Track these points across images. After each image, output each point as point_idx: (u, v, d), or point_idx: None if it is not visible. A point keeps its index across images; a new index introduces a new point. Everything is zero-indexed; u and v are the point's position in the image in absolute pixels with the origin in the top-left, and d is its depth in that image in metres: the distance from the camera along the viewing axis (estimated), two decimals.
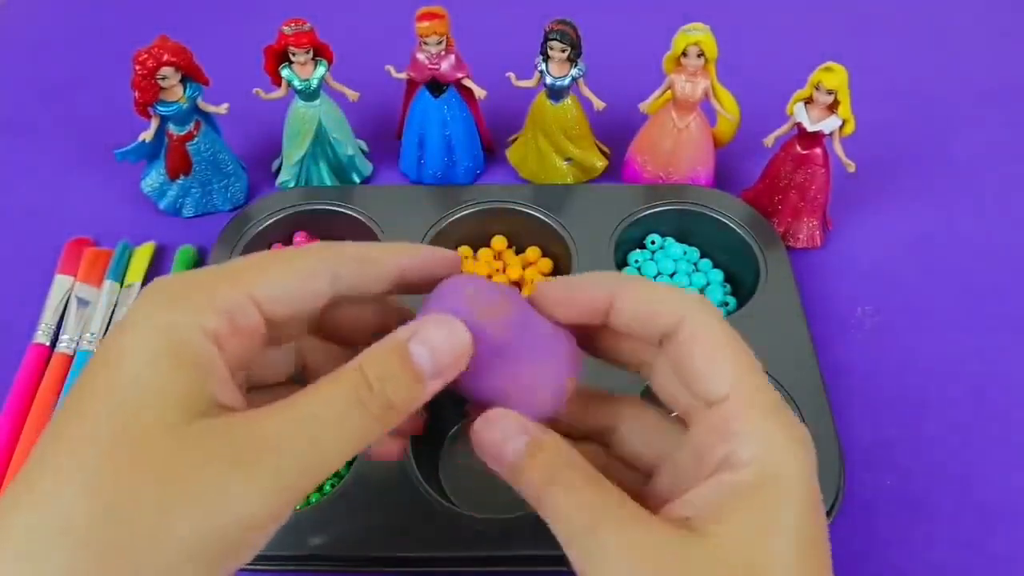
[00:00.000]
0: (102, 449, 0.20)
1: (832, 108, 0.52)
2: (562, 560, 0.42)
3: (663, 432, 0.27)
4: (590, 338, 0.28)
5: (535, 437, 0.24)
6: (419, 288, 0.27)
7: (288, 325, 0.25)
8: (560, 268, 0.55)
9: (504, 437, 0.24)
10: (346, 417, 0.22)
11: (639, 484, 0.27)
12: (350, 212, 0.55)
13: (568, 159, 0.61)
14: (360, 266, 0.26)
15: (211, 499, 0.20)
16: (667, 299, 0.25)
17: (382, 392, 0.22)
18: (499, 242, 0.57)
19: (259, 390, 0.27)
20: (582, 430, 0.29)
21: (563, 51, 0.54)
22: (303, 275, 0.24)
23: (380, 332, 0.24)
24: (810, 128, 0.53)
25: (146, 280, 0.55)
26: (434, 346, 0.23)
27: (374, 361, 0.23)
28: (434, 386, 0.24)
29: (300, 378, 0.29)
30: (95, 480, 0.20)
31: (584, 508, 0.23)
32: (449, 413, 0.48)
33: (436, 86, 0.57)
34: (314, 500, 0.44)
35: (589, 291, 0.26)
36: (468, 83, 0.57)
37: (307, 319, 0.26)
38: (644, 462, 0.28)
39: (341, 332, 0.28)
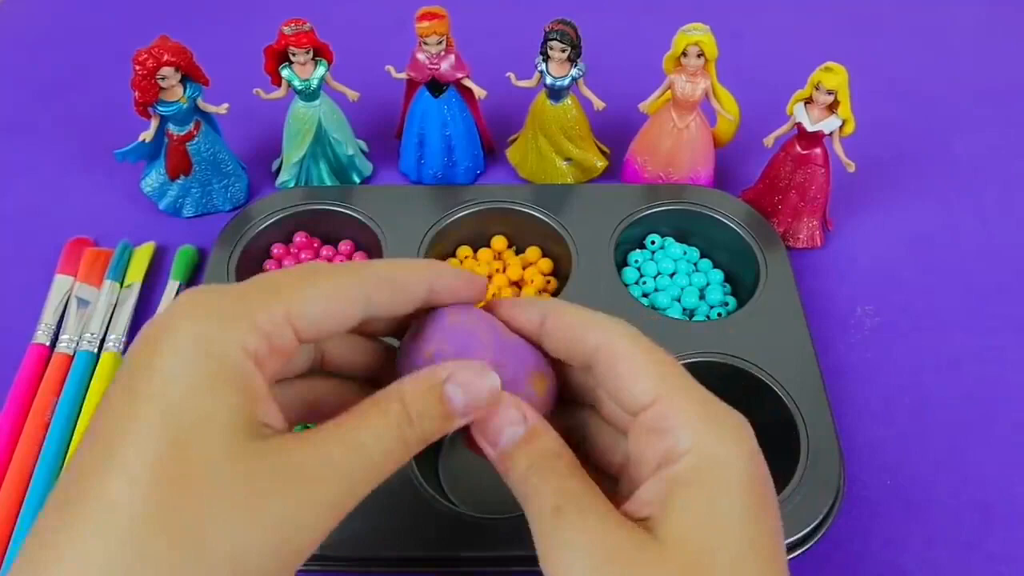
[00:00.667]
0: (158, 477, 0.20)
1: (832, 108, 0.52)
2: None
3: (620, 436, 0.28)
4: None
5: (533, 427, 0.26)
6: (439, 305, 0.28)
7: (317, 341, 0.26)
8: (560, 268, 0.55)
9: (504, 422, 0.26)
10: (391, 447, 0.24)
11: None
12: (350, 212, 0.55)
13: (568, 159, 0.61)
14: (392, 290, 0.26)
15: (272, 518, 0.21)
16: (589, 322, 0.27)
17: (420, 427, 0.24)
18: (499, 242, 0.57)
19: (279, 384, 0.27)
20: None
21: (563, 51, 0.54)
22: (340, 300, 0.25)
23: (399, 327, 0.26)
24: (810, 128, 0.53)
25: (146, 280, 0.55)
26: (468, 390, 0.25)
27: (416, 397, 0.24)
28: (462, 422, 0.26)
29: (318, 368, 0.29)
30: (152, 509, 0.20)
31: (555, 492, 0.24)
32: None
33: (436, 86, 0.57)
34: None
35: (524, 313, 0.28)
36: (468, 83, 0.57)
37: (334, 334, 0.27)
38: (611, 465, 0.29)
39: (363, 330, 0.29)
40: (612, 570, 0.22)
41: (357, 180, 0.62)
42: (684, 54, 0.53)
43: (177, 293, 0.54)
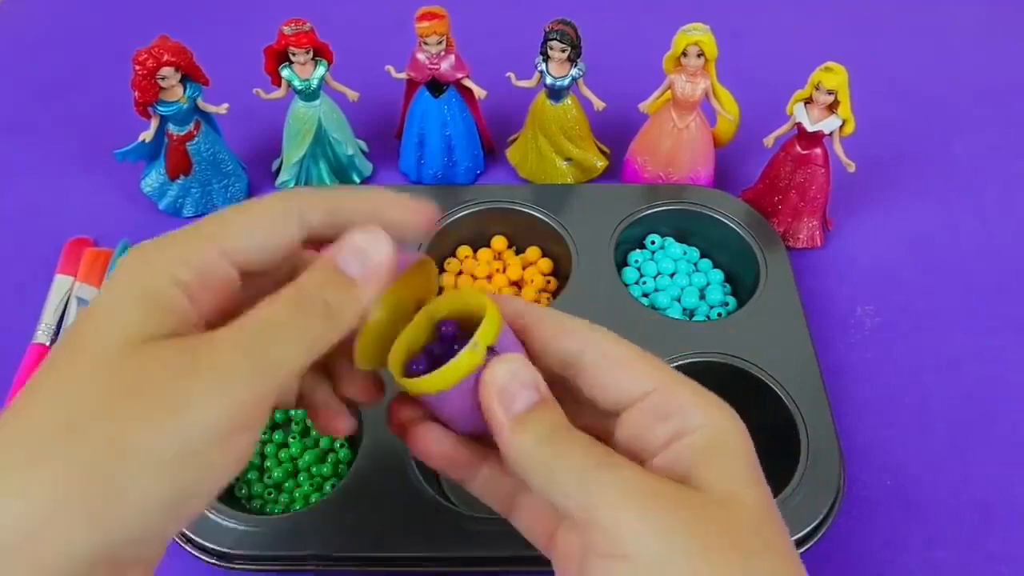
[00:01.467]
0: (69, 372, 0.22)
1: (832, 108, 0.52)
2: None
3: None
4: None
5: (545, 397, 0.26)
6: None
7: (270, 269, 0.26)
8: (560, 268, 0.55)
9: (520, 385, 0.25)
10: (291, 320, 0.24)
11: None
12: None
13: (568, 159, 0.61)
14: (325, 208, 0.26)
15: (170, 408, 0.21)
16: (571, 327, 0.27)
17: (320, 297, 0.24)
18: (499, 242, 0.57)
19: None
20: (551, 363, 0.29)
21: (563, 51, 0.54)
22: (268, 221, 0.25)
23: None
24: (810, 128, 0.53)
25: None
26: (362, 254, 0.25)
27: (309, 274, 0.25)
28: (368, 290, 0.25)
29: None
30: (61, 399, 0.21)
31: (588, 453, 0.24)
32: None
33: (436, 86, 0.57)
34: (314, 500, 0.44)
35: (511, 320, 0.28)
36: (468, 83, 0.57)
37: (290, 257, 0.26)
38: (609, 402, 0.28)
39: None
40: (660, 504, 0.23)
41: (357, 180, 0.62)
42: (684, 54, 0.53)
43: None
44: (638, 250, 0.56)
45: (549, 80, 0.56)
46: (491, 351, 0.26)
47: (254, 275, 0.25)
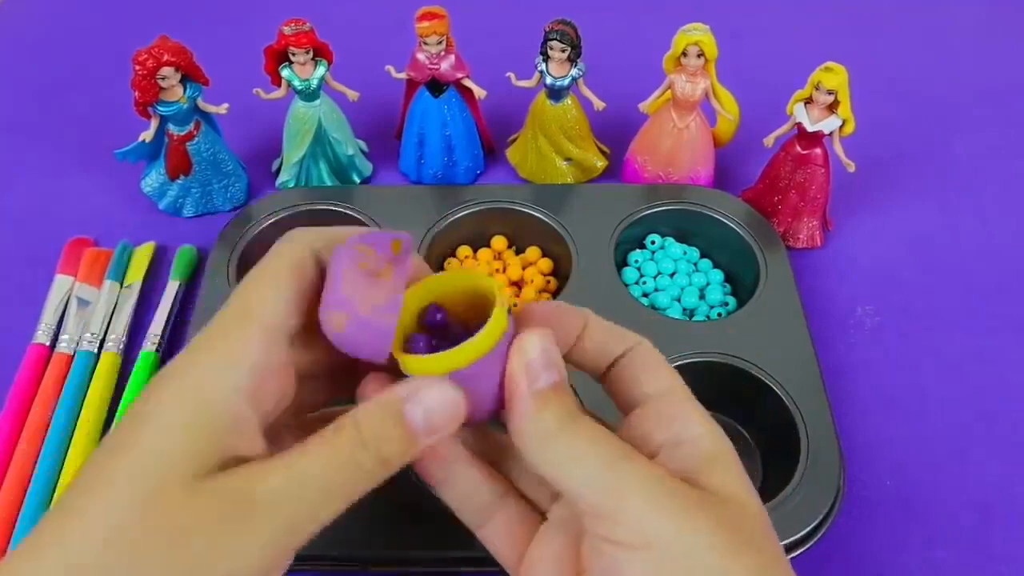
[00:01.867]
0: (119, 503, 0.22)
1: (832, 108, 0.52)
2: None
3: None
4: None
5: (565, 380, 0.26)
6: None
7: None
8: (560, 268, 0.55)
9: (548, 361, 0.26)
10: (343, 476, 0.24)
11: None
12: (350, 212, 0.55)
13: (568, 159, 0.61)
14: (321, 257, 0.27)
15: (208, 556, 0.22)
16: (623, 332, 0.30)
17: (377, 451, 0.24)
18: (499, 242, 0.57)
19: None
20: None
21: (563, 51, 0.54)
22: (287, 274, 0.26)
23: None
24: (810, 128, 0.53)
25: (146, 280, 0.55)
26: (428, 407, 0.24)
27: (370, 420, 0.24)
28: (428, 442, 0.25)
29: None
30: (111, 533, 0.21)
31: (606, 448, 0.25)
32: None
33: (436, 86, 0.57)
34: None
35: (570, 316, 0.29)
36: (468, 83, 0.57)
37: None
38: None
39: None
40: (684, 499, 0.24)
41: (357, 180, 0.62)
42: (684, 54, 0.53)
43: (177, 293, 0.54)
44: (638, 250, 0.56)
45: (549, 80, 0.56)
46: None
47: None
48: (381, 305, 0.24)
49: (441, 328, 0.27)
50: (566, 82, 0.56)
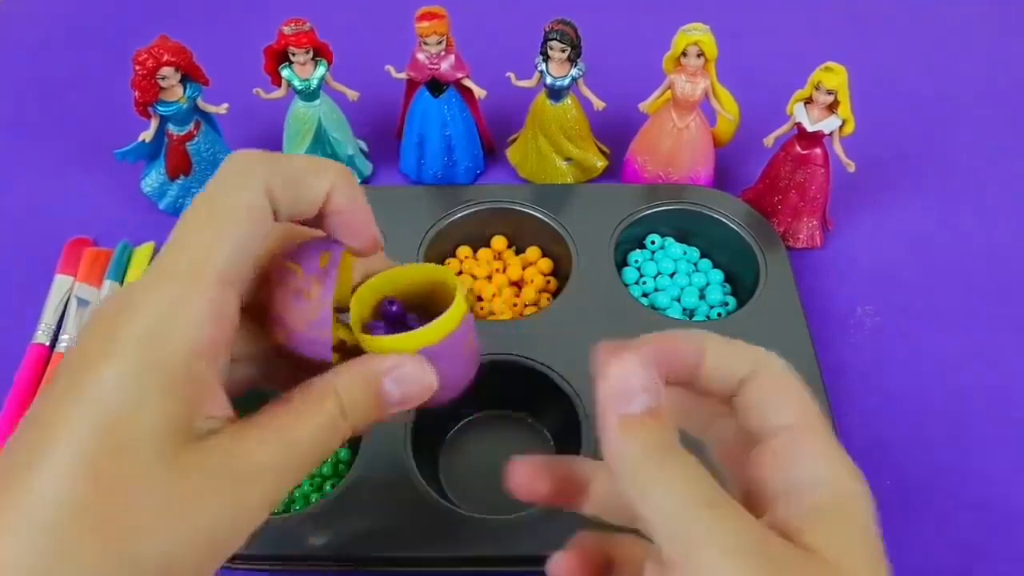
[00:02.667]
0: (88, 476, 0.20)
1: (832, 108, 0.52)
2: None
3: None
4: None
5: (661, 407, 0.24)
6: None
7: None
8: (560, 268, 0.55)
9: (639, 385, 0.24)
10: (324, 442, 0.24)
11: None
12: None
13: (568, 159, 0.61)
14: (295, 189, 0.25)
15: (202, 521, 0.21)
16: (745, 349, 0.26)
17: (353, 419, 0.24)
18: (499, 242, 0.57)
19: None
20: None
21: (563, 51, 0.54)
22: (244, 226, 0.24)
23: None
24: (810, 128, 0.53)
25: None
26: (406, 386, 0.25)
27: (350, 389, 0.25)
28: (392, 412, 0.26)
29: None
30: (79, 508, 0.20)
31: (687, 490, 0.22)
32: (448, 414, 0.48)
33: (436, 86, 0.57)
34: (314, 500, 0.44)
35: (684, 341, 0.26)
36: (468, 83, 0.57)
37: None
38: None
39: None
40: (766, 564, 0.21)
41: (358, 180, 0.62)
42: (684, 54, 0.53)
43: None
44: (638, 250, 0.56)
45: (549, 80, 0.56)
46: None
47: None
48: (312, 321, 0.25)
49: (398, 318, 0.28)
50: (566, 82, 0.56)
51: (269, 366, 0.27)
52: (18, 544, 0.20)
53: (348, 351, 0.27)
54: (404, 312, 0.28)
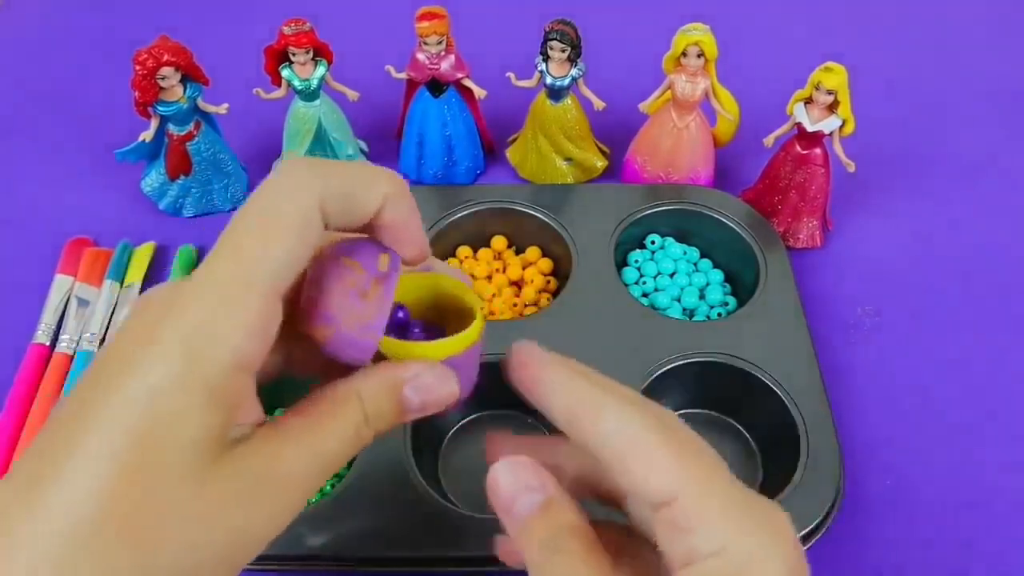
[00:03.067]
0: (120, 477, 0.20)
1: (832, 108, 0.52)
2: None
3: None
4: None
5: (550, 497, 0.24)
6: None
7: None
8: (560, 268, 0.55)
9: (521, 487, 0.25)
10: (348, 448, 0.24)
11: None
12: None
13: (568, 159, 0.61)
14: (349, 202, 0.25)
15: (227, 528, 0.22)
16: (601, 401, 0.24)
17: (375, 426, 0.25)
18: (499, 242, 0.57)
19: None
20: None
21: (563, 51, 0.54)
22: (296, 236, 0.23)
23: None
24: (810, 128, 0.53)
25: (146, 280, 0.55)
26: (427, 394, 0.25)
27: (374, 399, 0.25)
28: (411, 419, 0.26)
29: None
30: (109, 509, 0.20)
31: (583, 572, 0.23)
32: (449, 414, 0.48)
33: (436, 86, 0.57)
34: (314, 500, 0.44)
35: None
36: (468, 83, 0.57)
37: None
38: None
39: None
40: None
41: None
42: (684, 54, 0.53)
43: None
44: (638, 250, 0.56)
45: (549, 80, 0.56)
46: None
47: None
48: (367, 323, 0.25)
49: (402, 325, 0.27)
50: (566, 82, 0.56)
51: (292, 353, 0.27)
52: (41, 550, 0.19)
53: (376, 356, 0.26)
54: (409, 320, 0.28)
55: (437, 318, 0.27)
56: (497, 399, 0.49)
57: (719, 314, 0.53)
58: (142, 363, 0.21)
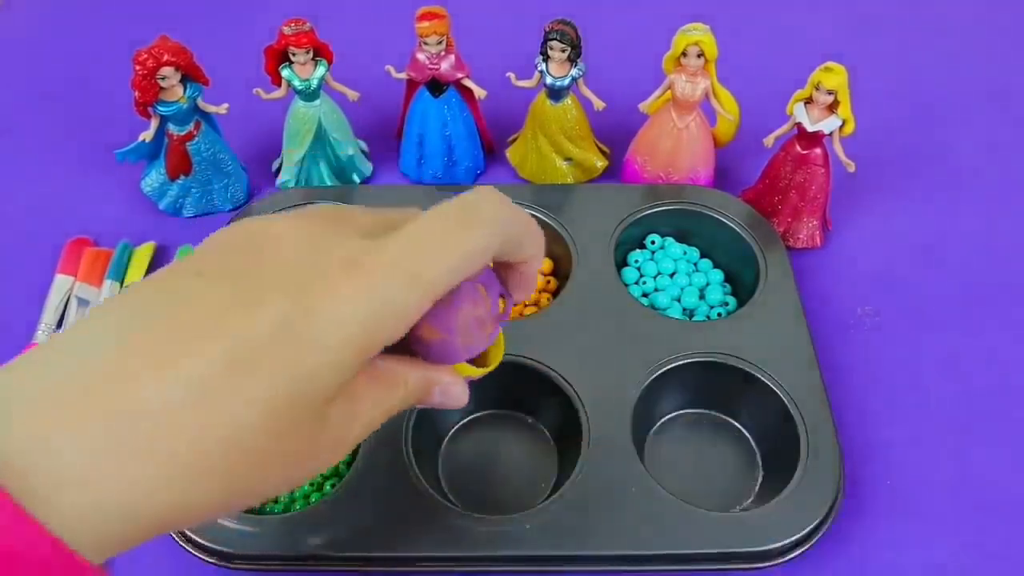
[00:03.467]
0: (271, 405, 0.23)
1: (832, 108, 0.52)
2: (561, 560, 0.42)
3: None
4: None
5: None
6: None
7: None
8: (560, 268, 0.55)
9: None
10: (381, 422, 0.29)
11: None
12: None
13: (568, 159, 0.61)
14: (515, 251, 0.30)
15: (298, 473, 0.26)
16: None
17: (407, 404, 0.29)
18: None
19: None
20: None
21: (563, 51, 0.54)
22: (469, 268, 0.27)
23: None
24: (810, 128, 0.53)
25: None
26: (448, 399, 0.31)
27: (416, 387, 0.29)
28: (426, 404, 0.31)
29: None
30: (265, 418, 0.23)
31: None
32: (448, 414, 0.48)
33: (436, 86, 0.57)
34: (314, 500, 0.44)
35: None
36: (468, 83, 0.57)
37: None
38: None
39: None
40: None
41: (357, 180, 0.62)
42: (684, 54, 0.53)
43: None
44: (638, 250, 0.56)
45: (549, 80, 0.56)
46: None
47: None
48: (472, 347, 0.30)
49: None
50: (566, 82, 0.56)
51: None
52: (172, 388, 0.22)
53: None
54: None
55: None
56: (497, 399, 0.49)
57: (719, 314, 0.53)
58: (321, 303, 0.24)
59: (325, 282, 0.24)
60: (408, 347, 0.30)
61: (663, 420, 0.49)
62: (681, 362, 0.47)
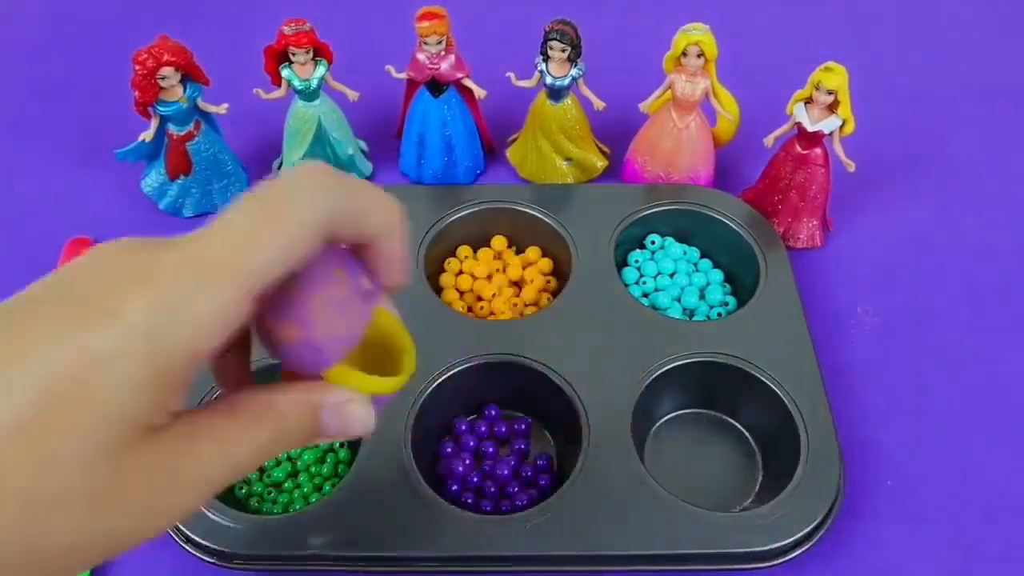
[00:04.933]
0: (32, 427, 0.20)
1: (832, 108, 0.52)
2: (561, 560, 0.42)
3: None
4: None
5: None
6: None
7: None
8: (560, 268, 0.55)
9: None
10: (259, 460, 0.25)
11: None
12: None
13: (568, 159, 0.61)
14: (349, 222, 0.25)
15: (119, 524, 0.21)
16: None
17: (290, 440, 0.25)
18: (499, 242, 0.57)
19: None
20: None
21: (563, 51, 0.54)
22: (298, 245, 0.23)
23: None
24: (810, 128, 0.53)
25: None
26: (347, 422, 0.26)
27: (293, 417, 0.25)
28: (326, 441, 0.27)
29: None
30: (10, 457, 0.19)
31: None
32: (448, 414, 0.48)
33: (436, 86, 0.57)
34: (314, 500, 0.44)
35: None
36: (468, 83, 0.57)
37: None
38: None
39: None
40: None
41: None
42: (684, 54, 0.53)
43: None
44: (638, 250, 0.56)
45: (549, 80, 0.56)
46: None
47: None
48: (337, 335, 0.25)
49: None
50: (566, 82, 0.56)
51: (225, 356, 0.27)
52: None
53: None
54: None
55: (364, 349, 0.26)
56: (497, 399, 0.49)
57: (719, 314, 0.53)
58: (99, 324, 0.21)
59: (111, 299, 0.21)
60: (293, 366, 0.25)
61: (663, 420, 0.49)
62: (681, 362, 0.47)
